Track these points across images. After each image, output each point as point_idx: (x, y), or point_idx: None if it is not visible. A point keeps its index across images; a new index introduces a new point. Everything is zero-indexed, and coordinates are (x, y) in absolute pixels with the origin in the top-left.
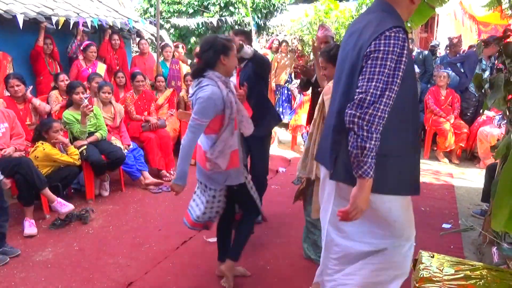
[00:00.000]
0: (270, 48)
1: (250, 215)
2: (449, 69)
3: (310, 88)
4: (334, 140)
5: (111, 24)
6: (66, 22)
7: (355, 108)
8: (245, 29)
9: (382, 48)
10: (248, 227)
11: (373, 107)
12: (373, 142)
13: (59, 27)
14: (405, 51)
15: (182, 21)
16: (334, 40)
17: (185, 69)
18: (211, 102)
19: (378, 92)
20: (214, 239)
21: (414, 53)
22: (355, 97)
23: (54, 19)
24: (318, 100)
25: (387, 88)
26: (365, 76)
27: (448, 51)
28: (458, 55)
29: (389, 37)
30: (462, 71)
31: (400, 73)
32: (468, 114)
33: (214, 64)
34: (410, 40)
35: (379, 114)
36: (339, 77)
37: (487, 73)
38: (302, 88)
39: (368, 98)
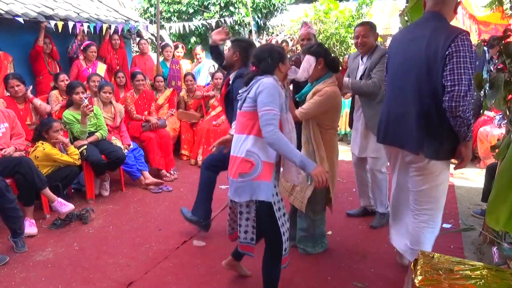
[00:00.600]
0: None
1: (271, 253)
2: None
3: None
4: (419, 124)
5: (110, 25)
6: (66, 23)
7: (455, 100)
8: (245, 31)
9: (461, 48)
10: (270, 268)
11: (468, 94)
12: (472, 119)
13: (60, 31)
14: (473, 49)
15: (180, 25)
16: (316, 37)
17: (185, 69)
18: (276, 89)
19: (467, 83)
20: (203, 243)
21: None
22: (450, 89)
23: (53, 23)
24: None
25: (471, 78)
26: (453, 71)
27: None
28: None
29: (463, 39)
30: None
31: (473, 66)
32: (474, 114)
33: (272, 72)
34: None
35: (470, 99)
36: (404, 72)
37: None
38: None
39: (462, 89)
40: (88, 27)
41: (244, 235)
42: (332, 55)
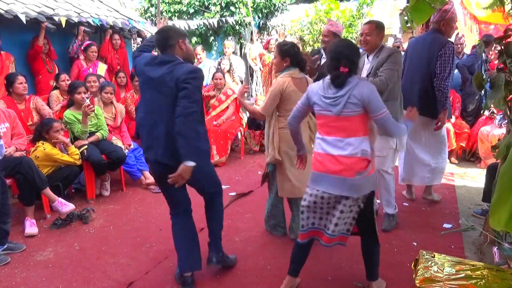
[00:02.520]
0: (266, 48)
1: (374, 236)
2: (457, 71)
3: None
4: (420, 96)
5: (112, 24)
6: (68, 22)
7: (440, 81)
8: (245, 31)
9: (447, 52)
10: (376, 250)
11: (448, 79)
12: (449, 94)
13: (63, 26)
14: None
15: (181, 24)
16: (340, 36)
17: None
18: None
19: (447, 72)
20: None
21: None
22: (438, 74)
23: (56, 18)
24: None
25: (450, 70)
26: (441, 66)
27: None
28: (463, 57)
29: (449, 46)
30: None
31: (453, 62)
32: (473, 115)
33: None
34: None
35: (449, 82)
36: (416, 65)
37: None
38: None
39: (445, 76)
40: (93, 21)
41: (342, 227)
42: (302, 55)
